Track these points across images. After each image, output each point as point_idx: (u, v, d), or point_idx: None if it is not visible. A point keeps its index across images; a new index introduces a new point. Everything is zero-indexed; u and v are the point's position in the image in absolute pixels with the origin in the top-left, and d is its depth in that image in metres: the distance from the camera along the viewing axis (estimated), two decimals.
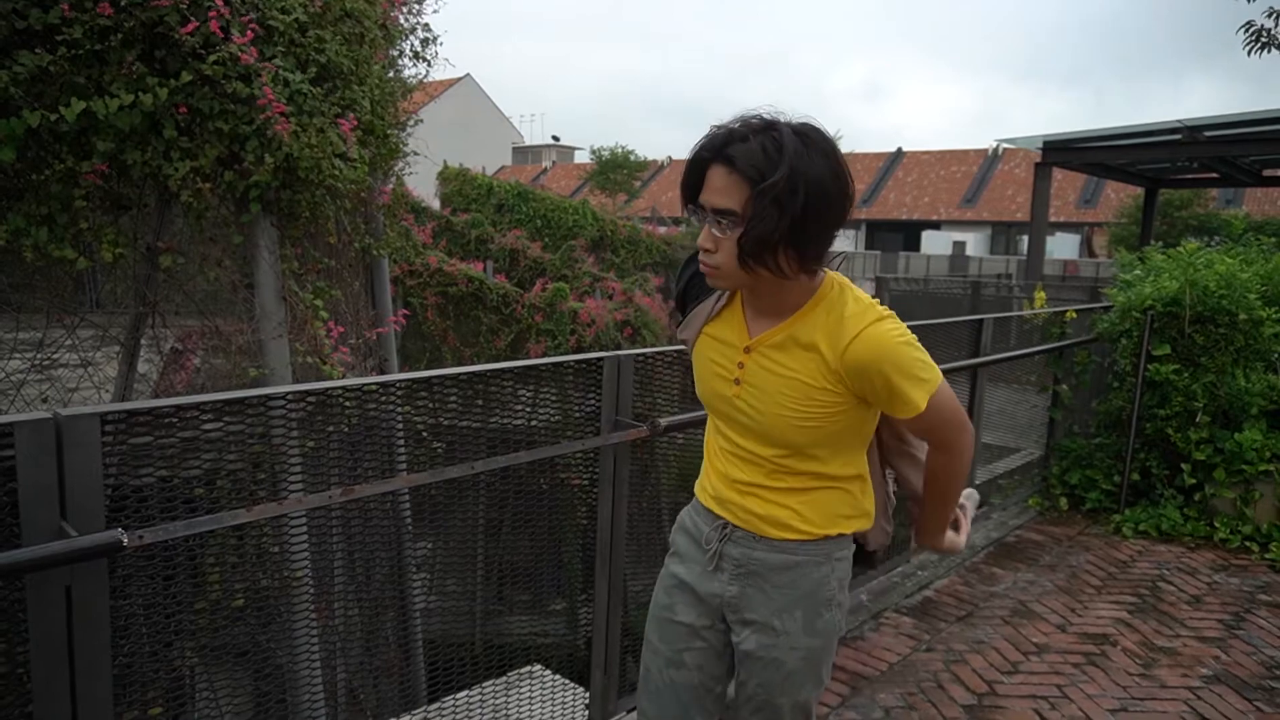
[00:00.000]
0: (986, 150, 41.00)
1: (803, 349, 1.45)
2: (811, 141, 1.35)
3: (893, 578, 4.05)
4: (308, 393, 1.86)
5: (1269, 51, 7.96)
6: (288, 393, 1.81)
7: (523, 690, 2.61)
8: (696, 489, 1.71)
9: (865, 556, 1.72)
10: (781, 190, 1.30)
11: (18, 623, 1.40)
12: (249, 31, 3.24)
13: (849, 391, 1.44)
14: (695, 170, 1.40)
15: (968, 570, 4.26)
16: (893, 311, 1.45)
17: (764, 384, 1.48)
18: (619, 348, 6.87)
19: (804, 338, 1.45)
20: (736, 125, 1.37)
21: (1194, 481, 4.80)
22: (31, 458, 1.31)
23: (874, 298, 1.47)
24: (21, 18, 2.92)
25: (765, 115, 1.38)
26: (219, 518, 1.59)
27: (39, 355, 3.74)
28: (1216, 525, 4.71)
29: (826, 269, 1.48)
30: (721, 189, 1.36)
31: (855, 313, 1.42)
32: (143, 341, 3.93)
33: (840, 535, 1.59)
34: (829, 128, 1.41)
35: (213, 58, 3.15)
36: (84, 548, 1.29)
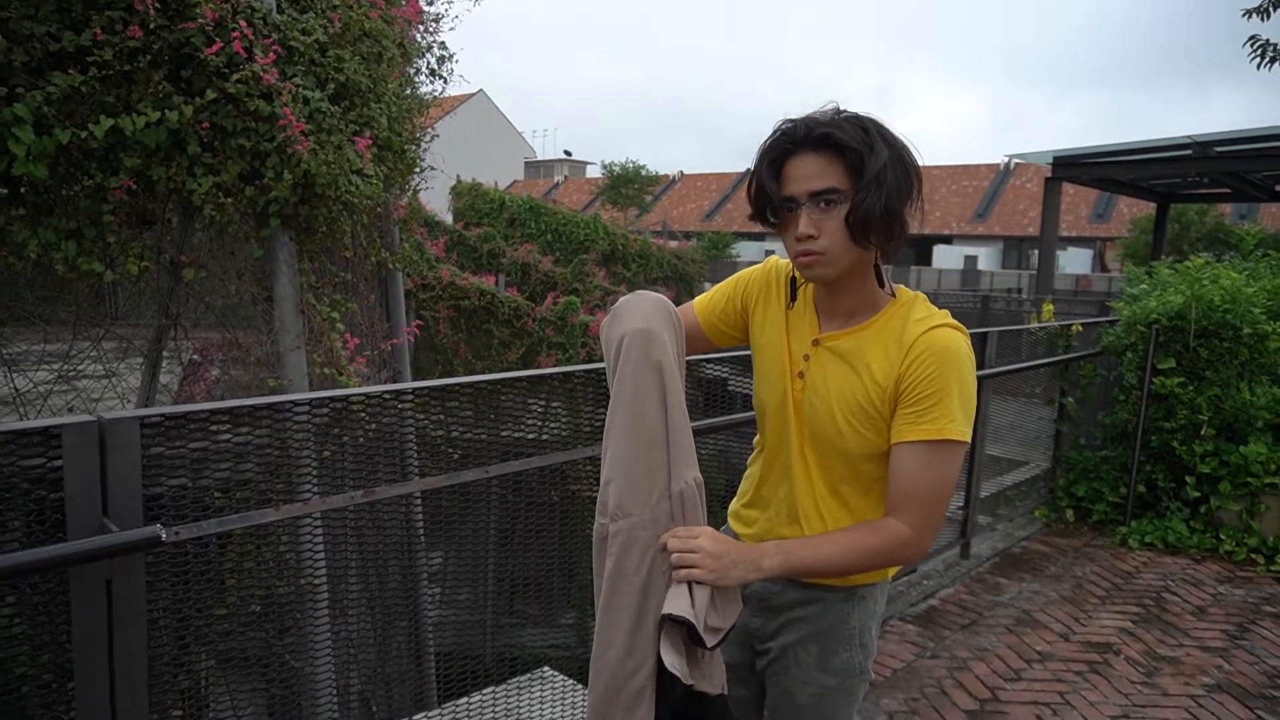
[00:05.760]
0: (998, 165, 41.06)
1: (862, 362, 1.43)
2: (886, 127, 1.37)
3: (898, 586, 4.09)
4: (330, 399, 1.94)
5: (1276, 65, 8.04)
6: (310, 399, 1.89)
7: (534, 692, 2.67)
8: (730, 514, 1.70)
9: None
10: (883, 166, 1.31)
11: (60, 618, 1.48)
12: (271, 53, 3.35)
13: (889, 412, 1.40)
14: (772, 170, 1.38)
15: (973, 580, 4.30)
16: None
17: (824, 382, 1.46)
18: None
19: (866, 349, 1.43)
20: (809, 118, 1.36)
21: (1199, 494, 4.84)
22: (77, 458, 1.39)
23: None
24: (55, 40, 3.02)
25: (830, 109, 1.38)
26: (248, 516, 1.67)
27: (65, 366, 3.84)
28: (1222, 538, 4.74)
29: (899, 286, 1.49)
30: (816, 173, 1.34)
31: (939, 314, 1.43)
32: (164, 353, 4.03)
33: (869, 581, 1.55)
34: None
35: (236, 77, 3.25)
36: (127, 542, 1.37)
